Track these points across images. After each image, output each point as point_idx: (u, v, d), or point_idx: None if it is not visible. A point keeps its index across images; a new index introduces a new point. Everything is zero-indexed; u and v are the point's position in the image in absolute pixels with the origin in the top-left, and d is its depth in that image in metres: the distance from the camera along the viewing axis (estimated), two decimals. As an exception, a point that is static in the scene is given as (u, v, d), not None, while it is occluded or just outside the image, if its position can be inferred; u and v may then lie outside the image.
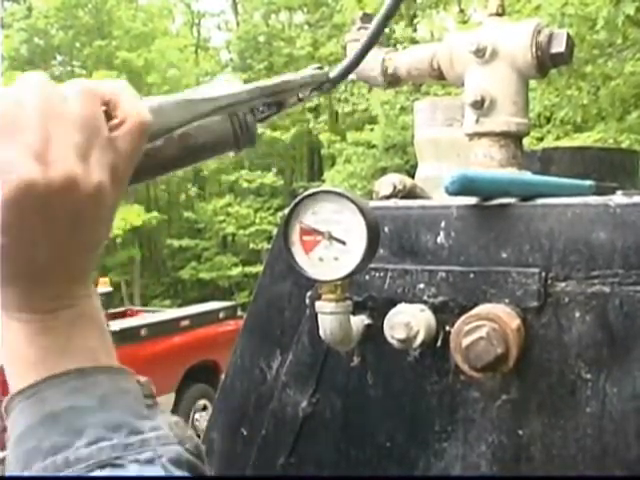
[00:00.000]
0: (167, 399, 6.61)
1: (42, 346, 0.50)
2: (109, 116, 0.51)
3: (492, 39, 1.16)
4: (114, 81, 0.53)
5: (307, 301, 1.11)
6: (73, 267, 0.51)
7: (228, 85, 0.64)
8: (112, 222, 0.52)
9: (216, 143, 0.65)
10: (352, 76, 0.91)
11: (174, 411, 6.72)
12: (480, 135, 1.19)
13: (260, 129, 0.70)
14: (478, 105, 1.17)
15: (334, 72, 0.77)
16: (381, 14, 0.81)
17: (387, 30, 0.83)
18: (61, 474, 0.46)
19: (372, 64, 1.30)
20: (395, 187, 1.17)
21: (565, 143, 7.29)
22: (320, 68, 0.73)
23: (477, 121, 1.19)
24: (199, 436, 1.18)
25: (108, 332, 0.53)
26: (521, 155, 1.21)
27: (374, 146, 13.12)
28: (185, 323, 7.07)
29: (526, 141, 1.26)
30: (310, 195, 0.89)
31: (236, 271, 16.62)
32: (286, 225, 0.89)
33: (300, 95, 0.72)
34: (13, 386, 0.50)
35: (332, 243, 0.87)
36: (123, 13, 17.32)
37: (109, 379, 0.50)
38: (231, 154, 0.68)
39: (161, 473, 0.48)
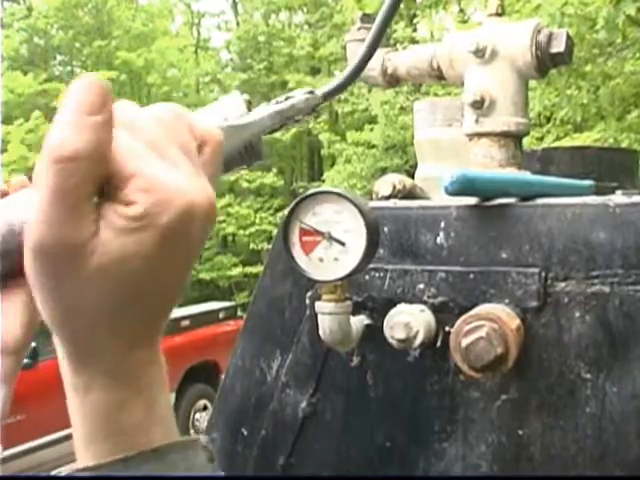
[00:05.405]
0: (167, 399, 6.61)
1: (122, 420, 0.45)
2: None
3: (492, 39, 1.17)
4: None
5: (307, 301, 1.11)
6: (167, 312, 0.46)
7: (256, 110, 0.65)
8: None
9: (225, 162, 0.66)
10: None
11: (174, 411, 6.73)
12: (480, 135, 1.19)
13: None
14: (478, 105, 1.17)
15: (327, 88, 0.78)
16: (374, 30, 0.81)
17: (387, 30, 0.83)
18: None
19: (372, 64, 1.30)
20: (395, 187, 1.17)
21: (565, 143, 7.29)
22: (311, 92, 0.74)
23: (477, 121, 1.19)
24: (199, 436, 1.18)
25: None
26: (521, 155, 1.21)
27: (374, 146, 13.10)
28: (185, 323, 7.06)
29: (526, 141, 1.26)
30: (310, 195, 0.89)
31: (236, 271, 16.58)
32: (286, 225, 0.89)
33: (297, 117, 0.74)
34: (80, 450, 0.45)
35: (332, 244, 0.87)
36: (123, 13, 17.29)
37: (182, 458, 0.47)
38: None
39: None
